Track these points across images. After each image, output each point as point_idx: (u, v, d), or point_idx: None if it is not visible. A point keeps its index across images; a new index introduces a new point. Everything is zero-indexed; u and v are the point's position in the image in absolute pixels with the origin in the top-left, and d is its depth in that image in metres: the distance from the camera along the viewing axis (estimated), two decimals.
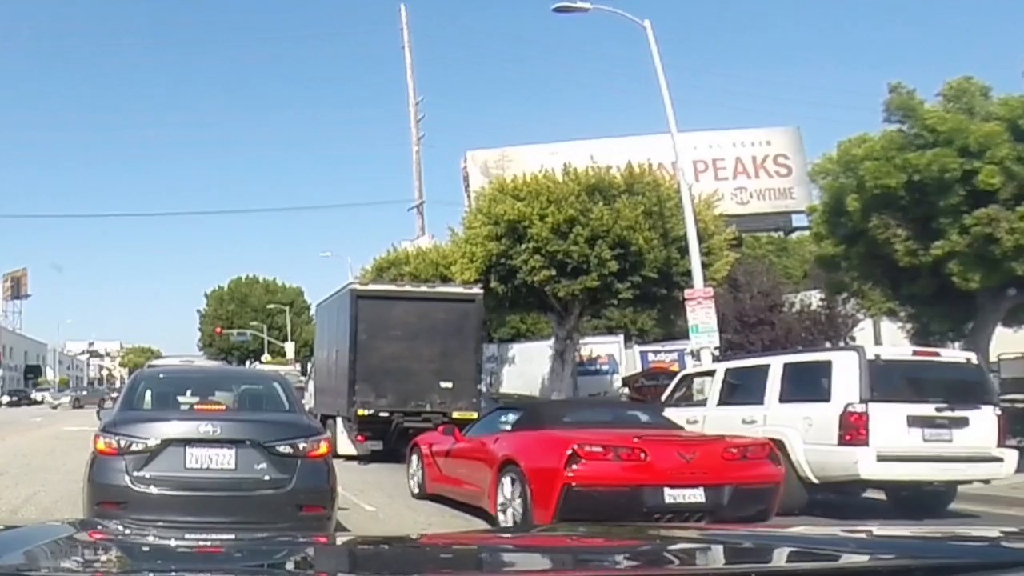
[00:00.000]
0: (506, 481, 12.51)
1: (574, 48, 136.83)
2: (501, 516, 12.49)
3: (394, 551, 3.17)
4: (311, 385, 28.43)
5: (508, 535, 3.66)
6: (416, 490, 16.33)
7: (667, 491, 11.56)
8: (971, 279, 17.11)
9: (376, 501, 15.49)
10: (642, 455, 11.73)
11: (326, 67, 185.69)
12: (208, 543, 3.32)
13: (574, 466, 11.52)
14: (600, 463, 11.64)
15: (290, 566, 2.89)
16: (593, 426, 13.21)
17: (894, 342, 23.22)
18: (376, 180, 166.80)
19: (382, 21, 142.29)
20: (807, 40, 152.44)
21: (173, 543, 3.17)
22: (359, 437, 22.47)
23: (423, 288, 26.30)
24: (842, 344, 25.83)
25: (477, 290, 25.31)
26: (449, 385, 23.06)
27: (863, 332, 30.57)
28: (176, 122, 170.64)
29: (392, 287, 26.76)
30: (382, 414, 22.48)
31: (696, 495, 11.66)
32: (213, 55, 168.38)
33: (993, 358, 22.51)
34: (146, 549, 3.03)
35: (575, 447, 11.63)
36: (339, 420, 23.17)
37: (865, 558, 2.60)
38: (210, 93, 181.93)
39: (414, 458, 16.78)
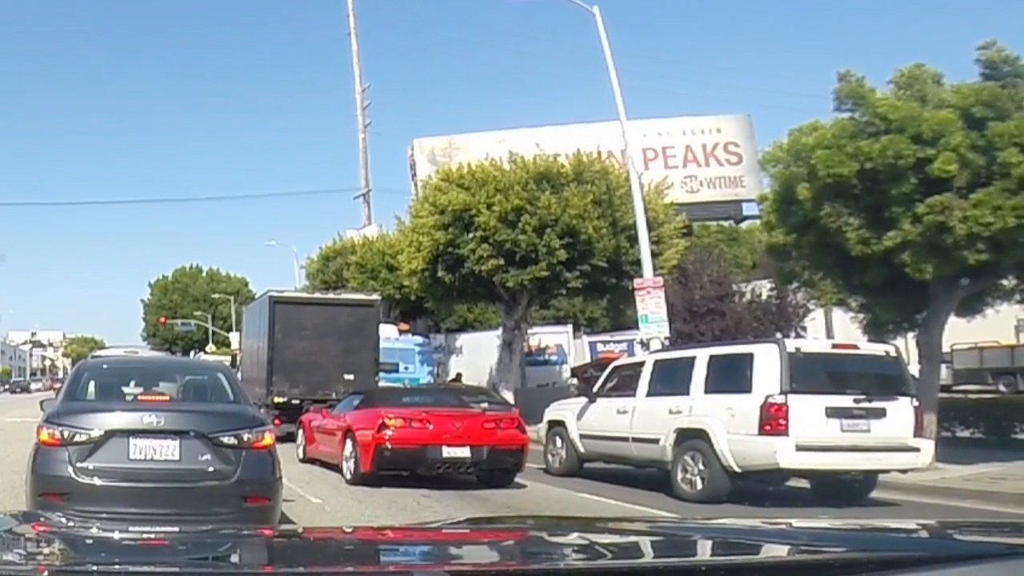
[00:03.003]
0: (348, 443, 17.45)
1: (522, 35, 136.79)
2: (344, 466, 17.42)
3: (340, 543, 3.15)
4: (239, 376, 28.70)
5: (451, 529, 3.47)
6: (300, 455, 20.88)
7: (444, 449, 16.44)
8: (923, 269, 16.95)
9: (322, 493, 15.68)
10: (428, 425, 16.72)
11: (272, 54, 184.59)
12: (152, 536, 3.30)
13: (383, 432, 16.55)
14: (400, 430, 16.59)
15: (235, 559, 2.86)
16: (406, 406, 17.83)
17: (846, 332, 23.24)
18: (322, 168, 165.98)
19: (328, 8, 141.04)
20: (758, 27, 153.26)
21: (117, 536, 3.12)
22: (275, 421, 24.16)
23: (330, 295, 31.35)
24: (788, 334, 25.97)
25: (375, 297, 30.61)
26: (351, 377, 26.90)
27: (815, 322, 30.56)
28: (120, 110, 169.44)
29: (303, 295, 32.63)
30: (294, 401, 26.41)
31: (464, 452, 16.53)
32: (157, 42, 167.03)
33: (946, 348, 22.49)
34: (90, 542, 2.95)
35: (383, 419, 16.74)
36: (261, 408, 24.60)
37: (816, 552, 2.59)
38: (154, 80, 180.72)
39: (300, 432, 21.74)
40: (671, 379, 16.56)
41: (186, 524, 8.34)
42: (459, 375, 37.26)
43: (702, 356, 16.16)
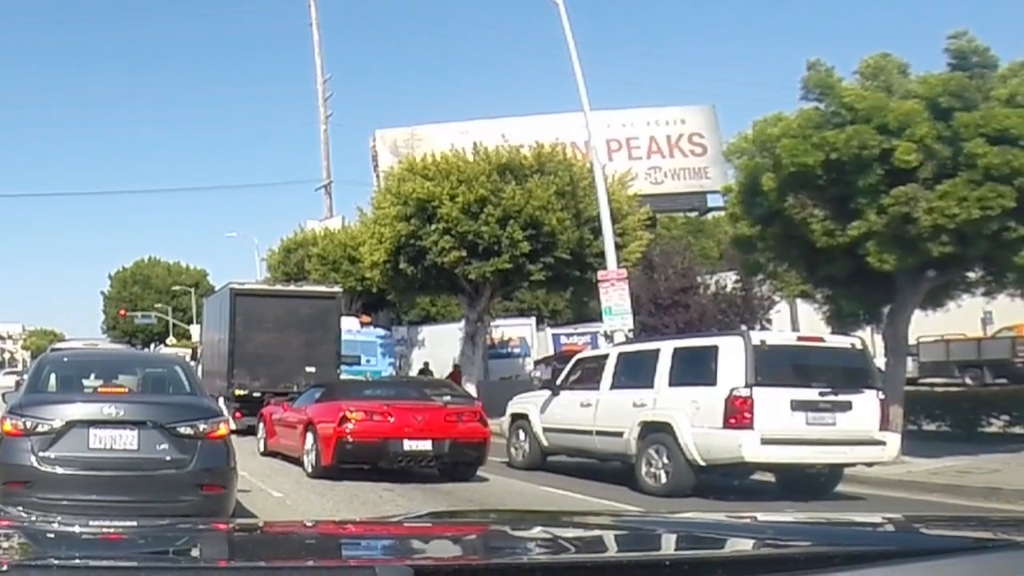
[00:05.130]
0: (309, 437, 17.39)
1: (485, 25, 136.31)
2: (305, 459, 17.34)
3: (301, 537, 3.12)
4: (199, 369, 29.64)
5: (413, 523, 3.45)
6: (261, 448, 20.76)
7: (406, 442, 16.34)
8: (887, 260, 16.91)
9: (283, 487, 15.71)
10: (389, 418, 16.67)
11: (232, 44, 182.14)
12: (112, 530, 3.27)
13: (344, 425, 16.49)
14: (361, 423, 16.54)
15: (195, 553, 2.84)
16: (367, 399, 17.77)
17: (812, 324, 23.20)
18: (283, 160, 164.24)
19: None
20: (722, 17, 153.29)
21: (77, 530, 3.10)
22: (237, 414, 24.53)
23: (291, 287, 31.50)
24: (753, 326, 26.01)
25: (336, 289, 30.65)
26: (312, 369, 26.69)
27: (780, 315, 30.56)
28: (79, 100, 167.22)
29: (265, 286, 32.34)
30: (255, 394, 26.08)
31: (426, 445, 16.44)
32: (116, 32, 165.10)
33: (912, 341, 22.45)
34: (51, 536, 2.94)
35: (344, 412, 16.71)
36: (221, 400, 24.77)
37: (781, 546, 2.52)
38: (113, 71, 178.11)
39: (260, 425, 21.60)
40: (635, 372, 16.42)
41: (144, 511, 9.33)
42: (457, 367, 37.02)
43: (666, 349, 16.05)
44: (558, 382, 18.84)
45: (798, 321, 30.18)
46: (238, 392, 26.67)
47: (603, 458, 17.10)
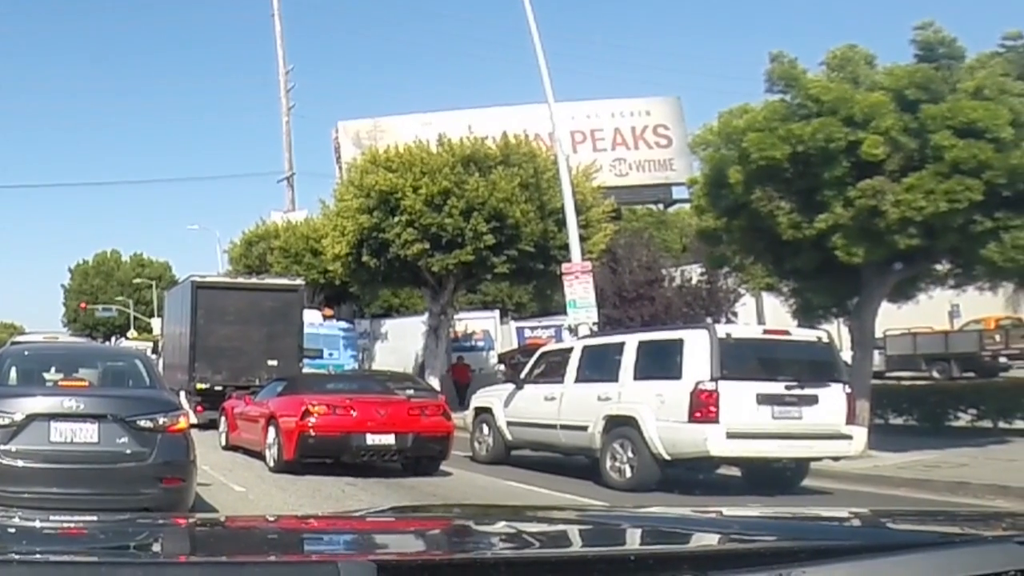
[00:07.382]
0: (271, 430, 17.25)
1: (450, 16, 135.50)
2: (267, 454, 17.18)
3: (263, 532, 3.10)
4: (160, 363, 29.76)
5: (376, 517, 3.47)
6: (223, 443, 20.56)
7: (368, 436, 16.25)
8: (854, 253, 16.91)
9: (245, 481, 15.69)
10: (352, 412, 16.57)
11: (193, 35, 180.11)
12: (73, 525, 3.23)
13: (306, 419, 16.37)
14: (324, 417, 16.44)
15: (156, 548, 2.78)
16: (329, 393, 17.82)
17: (777, 317, 23.17)
18: (245, 152, 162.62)
19: None
20: (688, 8, 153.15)
21: (38, 524, 3.10)
22: (198, 408, 24.93)
23: (253, 280, 31.15)
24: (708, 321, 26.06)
25: (299, 282, 30.21)
26: (275, 363, 26.61)
27: (746, 308, 30.55)
28: (40, 92, 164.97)
29: (227, 279, 32.41)
30: (217, 388, 25.96)
31: (389, 439, 16.30)
32: (77, 23, 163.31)
33: (879, 334, 22.43)
34: (11, 531, 2.87)
35: (307, 406, 16.59)
36: (183, 393, 25.01)
37: (747, 541, 2.55)
38: (74, 62, 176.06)
39: (222, 419, 21.41)
40: (600, 365, 16.36)
41: (105, 504, 9.54)
42: (463, 361, 36.80)
43: (631, 342, 15.95)
44: (522, 376, 18.72)
45: (764, 314, 30.24)
46: (200, 386, 26.58)
47: (568, 452, 17.00)
